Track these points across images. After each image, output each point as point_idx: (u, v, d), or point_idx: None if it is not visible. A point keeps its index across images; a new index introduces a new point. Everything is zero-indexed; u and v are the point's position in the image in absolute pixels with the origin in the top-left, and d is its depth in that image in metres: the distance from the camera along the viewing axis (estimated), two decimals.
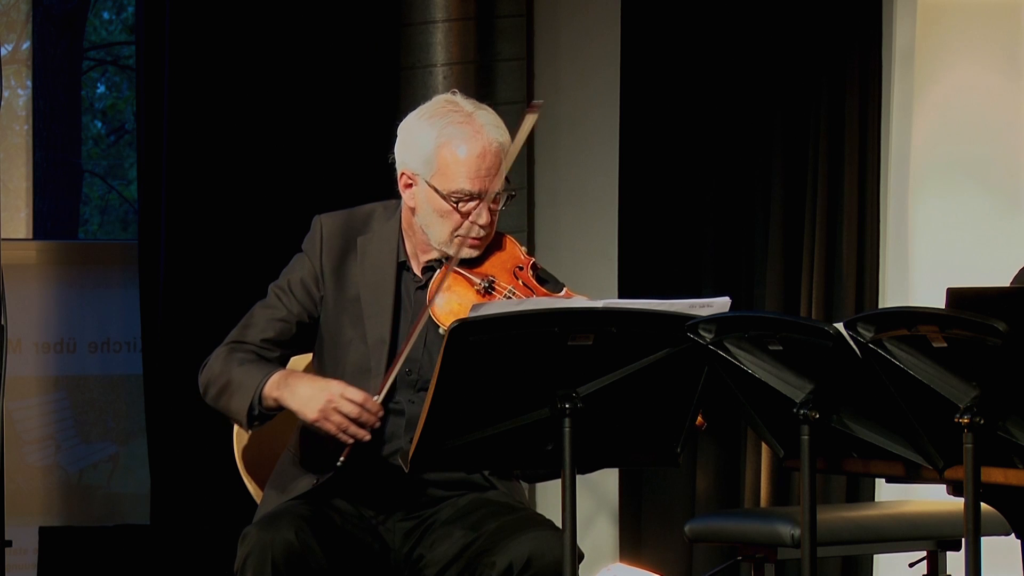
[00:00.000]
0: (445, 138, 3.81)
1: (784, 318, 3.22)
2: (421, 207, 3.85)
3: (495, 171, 3.82)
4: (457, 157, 3.80)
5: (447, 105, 3.86)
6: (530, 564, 3.65)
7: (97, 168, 9.06)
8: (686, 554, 6.16)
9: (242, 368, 3.84)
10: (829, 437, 3.29)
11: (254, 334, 3.90)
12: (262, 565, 3.64)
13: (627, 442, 3.46)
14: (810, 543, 3.26)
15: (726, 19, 6.19)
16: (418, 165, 3.83)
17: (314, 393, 3.72)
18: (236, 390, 3.82)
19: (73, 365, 6.71)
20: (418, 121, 3.86)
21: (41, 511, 6.59)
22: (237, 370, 3.83)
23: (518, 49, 6.30)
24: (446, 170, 3.80)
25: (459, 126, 3.81)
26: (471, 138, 3.80)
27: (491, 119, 3.86)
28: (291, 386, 3.76)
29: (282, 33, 6.29)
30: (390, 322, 3.86)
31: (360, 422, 3.69)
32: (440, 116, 3.83)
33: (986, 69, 6.00)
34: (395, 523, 3.86)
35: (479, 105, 3.89)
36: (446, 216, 3.82)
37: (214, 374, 3.87)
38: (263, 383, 3.79)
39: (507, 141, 3.85)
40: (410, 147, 3.86)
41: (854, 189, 5.98)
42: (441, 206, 3.81)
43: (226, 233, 6.24)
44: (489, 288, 3.80)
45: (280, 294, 3.94)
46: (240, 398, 3.82)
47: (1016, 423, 3.08)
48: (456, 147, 3.80)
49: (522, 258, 3.90)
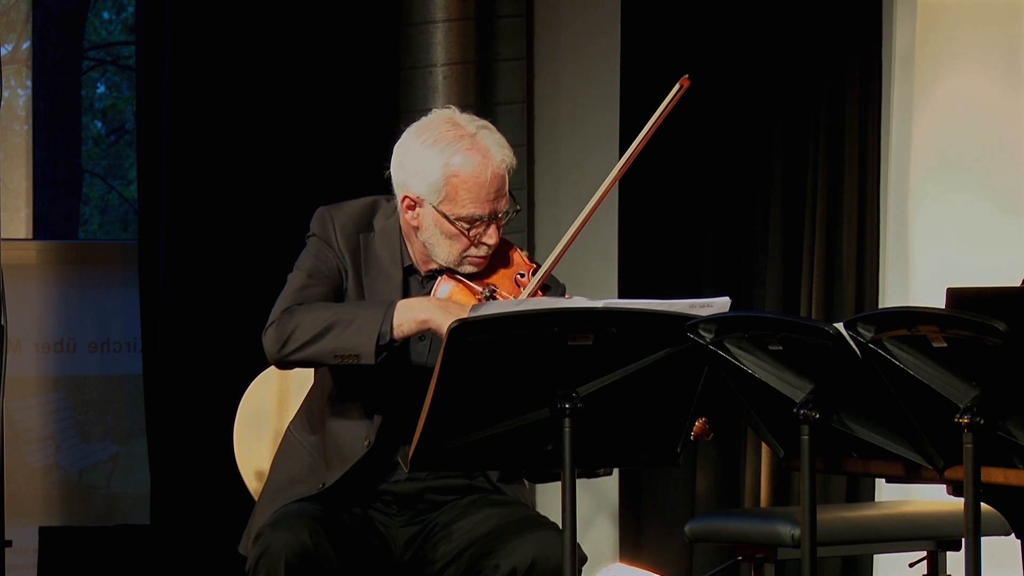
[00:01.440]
0: (454, 168, 3.76)
1: (784, 318, 3.22)
2: (427, 229, 3.82)
3: (503, 192, 3.80)
4: (466, 184, 3.76)
5: (451, 129, 3.81)
6: (534, 567, 3.65)
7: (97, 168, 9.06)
8: (686, 554, 6.16)
9: (344, 307, 3.72)
10: (829, 437, 3.29)
11: (312, 295, 3.78)
12: (275, 565, 3.62)
13: (627, 442, 3.46)
14: (810, 543, 3.26)
15: (726, 20, 6.20)
16: (424, 190, 3.79)
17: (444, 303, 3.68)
18: (347, 326, 3.67)
19: (73, 365, 6.71)
20: (421, 147, 3.80)
21: (41, 511, 6.59)
22: (339, 310, 3.71)
23: (518, 49, 6.30)
24: (455, 197, 3.77)
25: (467, 153, 3.77)
26: (480, 165, 3.77)
27: (495, 139, 3.82)
28: (428, 302, 3.69)
29: (282, 33, 6.29)
30: None
31: None
32: (446, 142, 3.78)
33: (986, 71, 6.00)
34: (398, 527, 3.86)
35: (481, 123, 3.84)
36: (454, 239, 3.80)
37: (295, 325, 3.71)
38: (391, 308, 3.67)
39: (512, 160, 3.82)
40: (414, 172, 3.81)
41: (854, 190, 5.99)
42: (449, 230, 3.80)
43: (226, 233, 6.24)
44: (491, 297, 3.79)
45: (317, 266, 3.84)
46: (356, 331, 3.67)
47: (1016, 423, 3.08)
48: (465, 174, 3.76)
49: (524, 265, 3.90)
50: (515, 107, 6.28)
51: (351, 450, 3.82)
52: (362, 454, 3.81)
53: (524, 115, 6.34)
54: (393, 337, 3.67)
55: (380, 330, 3.67)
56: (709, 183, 6.23)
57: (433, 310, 3.68)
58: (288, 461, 3.92)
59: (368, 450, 3.81)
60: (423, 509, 3.87)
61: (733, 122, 6.20)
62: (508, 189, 3.82)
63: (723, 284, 6.13)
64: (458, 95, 6.11)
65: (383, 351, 3.68)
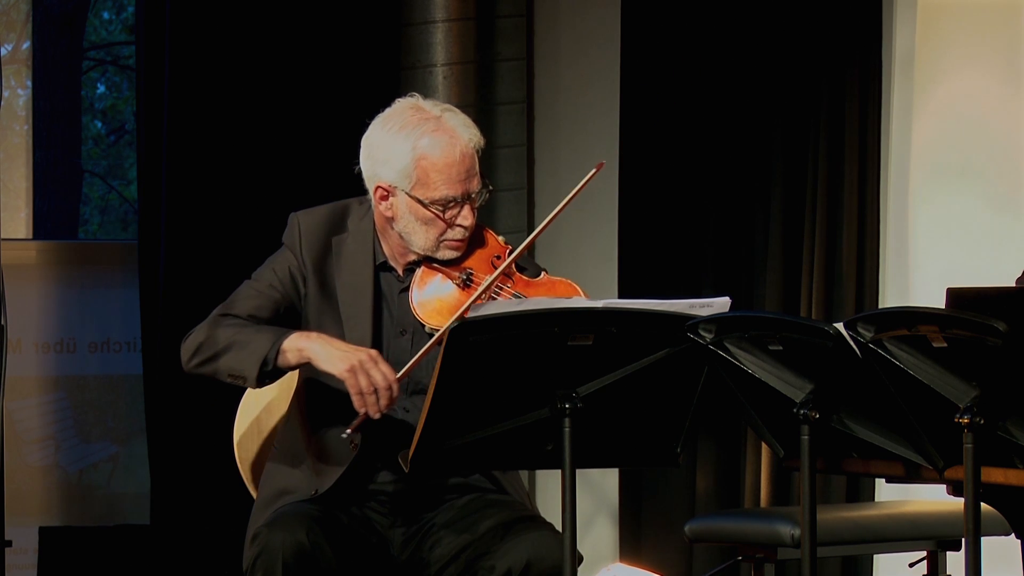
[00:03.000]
0: (422, 150, 3.79)
1: (784, 318, 3.22)
2: (402, 217, 3.83)
3: (473, 172, 3.82)
4: (436, 166, 3.79)
5: (415, 113, 3.85)
6: (529, 569, 3.65)
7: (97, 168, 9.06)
8: (686, 554, 6.16)
9: (245, 330, 3.79)
10: (829, 437, 3.29)
11: (241, 308, 3.86)
12: (272, 565, 3.63)
13: (627, 442, 3.46)
14: (810, 543, 3.26)
15: (727, 20, 6.19)
16: (395, 178, 3.82)
17: (350, 350, 3.69)
18: (243, 348, 3.76)
19: (73, 365, 6.71)
20: (388, 134, 3.84)
21: (41, 511, 6.59)
22: (241, 331, 3.78)
23: (518, 49, 6.30)
24: (427, 180, 3.79)
25: (433, 135, 3.80)
26: (447, 145, 3.79)
27: (460, 120, 3.85)
28: (322, 339, 3.73)
29: (282, 33, 6.29)
30: (370, 325, 3.85)
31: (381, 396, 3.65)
32: (411, 126, 3.82)
33: (986, 73, 6.00)
34: (394, 527, 3.86)
35: (445, 107, 3.88)
36: (430, 223, 3.81)
37: (205, 338, 3.80)
38: (282, 337, 3.73)
39: (479, 139, 3.84)
40: (383, 160, 3.84)
41: (854, 190, 5.99)
42: (424, 215, 3.81)
43: (226, 233, 6.24)
44: (468, 281, 3.81)
45: (267, 277, 3.91)
46: (249, 354, 3.75)
47: (1016, 423, 3.08)
48: (434, 156, 3.79)
49: (499, 247, 3.90)
50: (515, 107, 6.28)
51: (340, 454, 3.82)
52: (351, 457, 3.81)
53: (524, 115, 6.34)
54: (276, 364, 3.74)
55: (266, 356, 3.74)
56: (709, 183, 6.23)
57: (313, 343, 3.72)
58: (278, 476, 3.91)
59: (356, 453, 3.81)
60: (419, 508, 3.87)
61: (733, 122, 6.20)
62: (479, 169, 3.83)
63: (723, 284, 6.13)
64: (458, 95, 6.11)
65: (265, 377, 3.76)
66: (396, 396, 3.68)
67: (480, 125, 3.91)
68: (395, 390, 3.67)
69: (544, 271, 3.91)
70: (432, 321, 3.76)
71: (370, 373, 3.65)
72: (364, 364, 3.65)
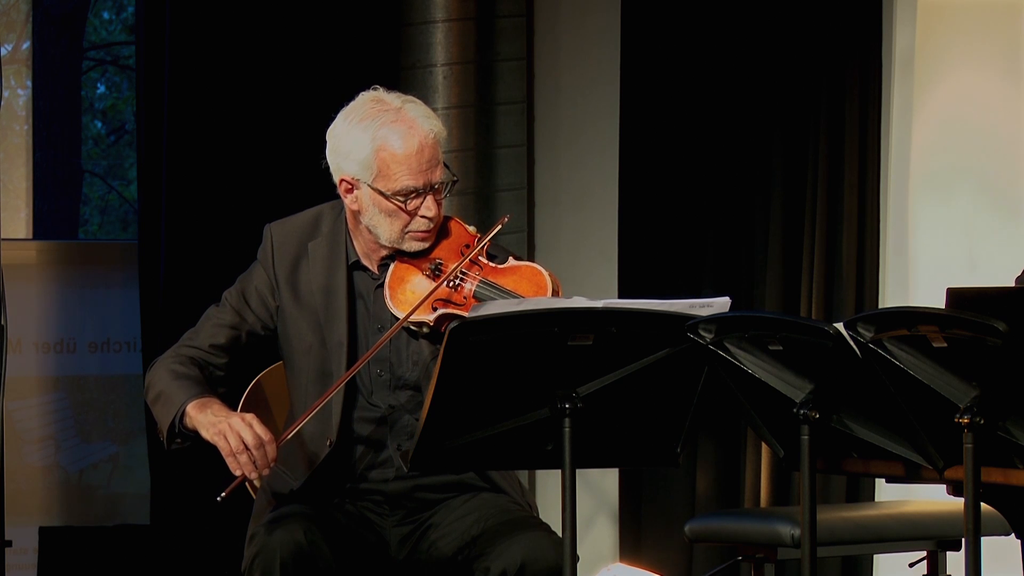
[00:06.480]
0: (381, 141, 3.80)
1: (784, 318, 3.22)
2: (367, 210, 3.84)
3: (435, 162, 3.82)
4: (396, 156, 3.79)
5: (375, 105, 3.85)
6: (523, 570, 3.65)
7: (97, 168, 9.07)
8: (686, 554, 6.16)
9: (176, 382, 3.82)
10: (829, 437, 3.29)
11: (203, 339, 3.90)
12: (270, 565, 3.63)
13: (627, 442, 3.46)
14: (810, 543, 3.26)
15: (727, 20, 6.20)
16: (357, 170, 3.83)
17: (223, 415, 3.70)
18: (165, 403, 3.81)
19: (73, 365, 6.71)
20: (349, 126, 3.85)
21: (41, 511, 6.59)
22: (172, 382, 3.82)
23: (518, 49, 6.30)
24: (387, 171, 3.80)
25: (392, 125, 3.80)
26: (406, 135, 3.80)
27: (421, 111, 3.85)
28: (208, 408, 3.74)
29: (282, 33, 6.29)
30: (346, 324, 3.86)
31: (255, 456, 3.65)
32: (371, 118, 3.82)
33: (986, 73, 6.00)
34: (391, 526, 3.86)
35: (406, 98, 3.88)
36: (394, 215, 3.82)
37: (154, 378, 3.86)
38: (186, 402, 3.77)
39: (440, 130, 3.85)
40: (345, 153, 3.85)
41: (854, 190, 5.99)
42: (387, 207, 3.81)
43: (226, 233, 6.24)
44: (437, 270, 3.82)
45: (235, 302, 3.94)
46: (166, 412, 3.80)
47: (1016, 423, 3.08)
48: (393, 147, 3.79)
49: (468, 235, 3.90)
50: (515, 107, 6.28)
51: (315, 451, 3.83)
52: (325, 454, 3.82)
53: (524, 115, 6.34)
54: (184, 426, 3.77)
55: (173, 419, 3.78)
56: (709, 183, 6.23)
57: (197, 413, 3.73)
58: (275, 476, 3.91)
59: (331, 450, 3.81)
60: (415, 508, 3.87)
61: (733, 122, 6.20)
62: (442, 160, 3.84)
63: (723, 284, 6.13)
64: (458, 95, 6.11)
65: (175, 437, 3.81)
66: (273, 458, 3.66)
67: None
68: (270, 451, 3.65)
69: (511, 255, 3.92)
70: (402, 311, 3.77)
71: (240, 433, 3.64)
72: (234, 426, 3.66)
